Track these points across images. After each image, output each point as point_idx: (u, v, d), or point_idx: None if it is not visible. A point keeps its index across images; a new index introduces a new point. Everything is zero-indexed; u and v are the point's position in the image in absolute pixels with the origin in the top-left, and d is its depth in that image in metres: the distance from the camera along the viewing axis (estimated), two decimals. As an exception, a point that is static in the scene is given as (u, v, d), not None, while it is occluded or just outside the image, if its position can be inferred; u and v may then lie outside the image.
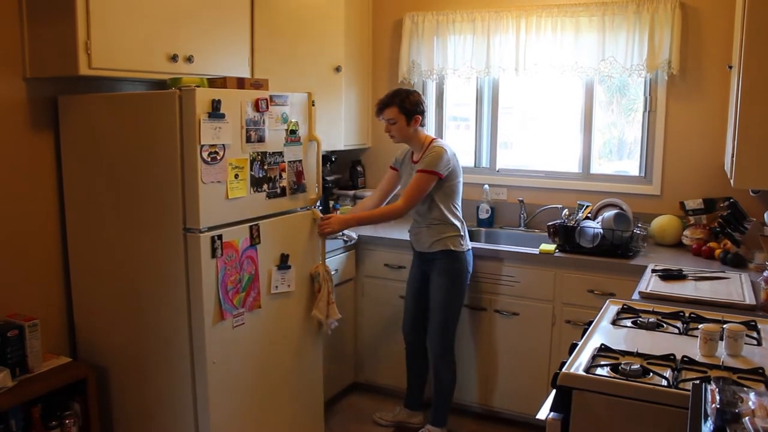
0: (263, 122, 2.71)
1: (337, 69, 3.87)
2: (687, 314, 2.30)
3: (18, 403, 2.42)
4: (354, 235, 3.74)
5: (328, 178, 4.27)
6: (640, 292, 2.64)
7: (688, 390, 1.62)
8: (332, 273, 3.19)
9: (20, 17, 2.59)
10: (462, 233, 3.32)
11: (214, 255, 2.53)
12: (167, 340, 2.63)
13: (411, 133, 3.27)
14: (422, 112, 3.26)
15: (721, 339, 1.98)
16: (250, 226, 2.69)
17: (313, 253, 3.08)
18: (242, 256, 2.67)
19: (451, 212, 3.28)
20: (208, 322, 2.53)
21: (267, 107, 2.72)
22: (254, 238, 2.71)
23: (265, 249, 2.78)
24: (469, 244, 3.38)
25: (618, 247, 3.35)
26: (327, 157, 4.18)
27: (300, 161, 2.95)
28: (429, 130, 4.37)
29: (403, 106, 3.20)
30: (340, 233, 3.53)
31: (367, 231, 3.88)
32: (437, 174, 3.17)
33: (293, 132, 2.88)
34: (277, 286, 2.85)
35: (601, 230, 3.40)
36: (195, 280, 2.52)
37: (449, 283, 3.30)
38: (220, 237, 2.54)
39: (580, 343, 2.04)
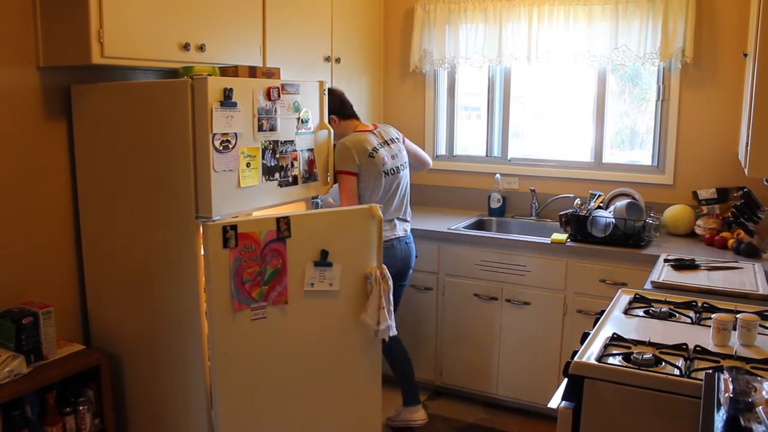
0: (275, 111, 2.71)
1: (337, 60, 3.85)
2: (699, 304, 2.30)
3: (33, 389, 2.44)
4: None
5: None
6: (652, 282, 2.63)
7: (701, 379, 1.62)
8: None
9: (33, 6, 2.60)
10: None
11: (226, 245, 2.51)
12: (179, 329, 2.64)
13: (340, 130, 3.30)
14: (331, 111, 3.22)
15: (734, 329, 1.97)
16: (278, 219, 2.60)
17: (367, 253, 2.83)
18: (265, 248, 2.59)
19: None
20: (219, 312, 2.53)
21: (279, 96, 2.72)
22: (281, 231, 2.62)
23: (297, 243, 2.64)
24: None
25: (630, 237, 3.34)
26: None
27: (311, 150, 2.95)
28: (440, 118, 4.40)
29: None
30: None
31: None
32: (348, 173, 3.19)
33: (305, 121, 2.88)
34: (313, 284, 2.71)
35: (613, 220, 3.38)
36: (205, 270, 2.52)
37: None
38: (234, 227, 2.51)
39: (592, 333, 2.04)
